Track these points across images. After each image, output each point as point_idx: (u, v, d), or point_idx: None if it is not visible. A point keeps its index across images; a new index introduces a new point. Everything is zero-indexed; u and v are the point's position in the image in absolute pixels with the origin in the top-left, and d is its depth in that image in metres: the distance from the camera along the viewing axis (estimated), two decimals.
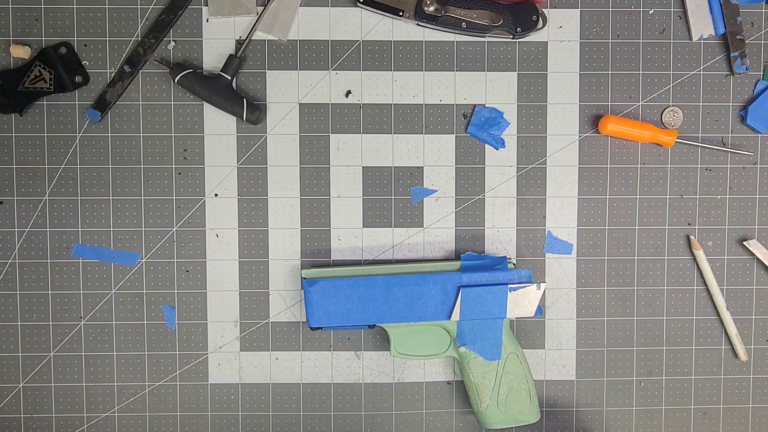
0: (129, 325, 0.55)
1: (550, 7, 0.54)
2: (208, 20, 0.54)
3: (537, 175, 0.55)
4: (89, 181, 0.54)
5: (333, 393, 0.55)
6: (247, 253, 0.54)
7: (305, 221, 0.55)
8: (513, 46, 0.54)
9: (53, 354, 0.55)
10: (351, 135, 0.54)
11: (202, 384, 0.55)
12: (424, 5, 0.52)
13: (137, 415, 0.55)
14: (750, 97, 0.55)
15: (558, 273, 0.55)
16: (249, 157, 0.54)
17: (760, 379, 0.56)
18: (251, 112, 0.52)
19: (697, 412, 0.56)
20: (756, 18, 0.55)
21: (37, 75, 0.53)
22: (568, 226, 0.55)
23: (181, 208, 0.54)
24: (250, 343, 0.55)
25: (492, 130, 0.54)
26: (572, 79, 0.55)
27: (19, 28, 0.53)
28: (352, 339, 0.55)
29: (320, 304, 0.52)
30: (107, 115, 0.54)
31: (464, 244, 0.55)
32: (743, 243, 0.55)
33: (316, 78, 0.54)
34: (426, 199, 0.55)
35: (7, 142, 0.54)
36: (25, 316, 0.54)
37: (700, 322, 0.55)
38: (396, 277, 0.52)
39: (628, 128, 0.53)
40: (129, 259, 0.54)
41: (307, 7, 0.54)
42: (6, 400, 0.55)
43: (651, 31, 0.55)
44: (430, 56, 0.54)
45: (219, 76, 0.52)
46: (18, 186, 0.54)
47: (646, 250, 0.55)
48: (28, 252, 0.54)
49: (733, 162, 0.55)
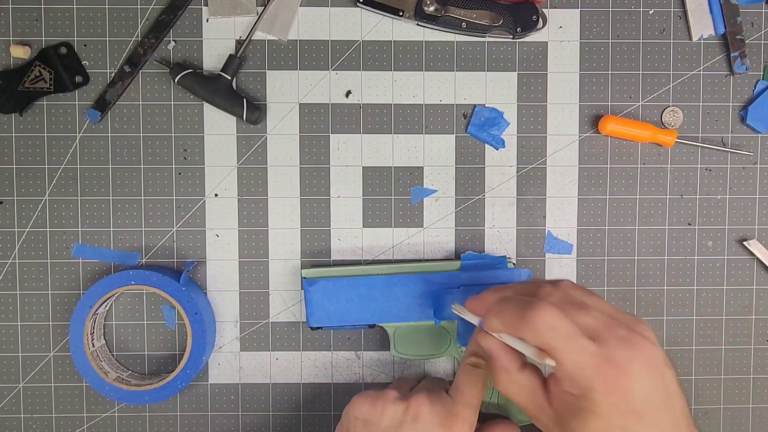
0: (129, 325, 0.55)
1: (550, 7, 0.54)
2: (208, 20, 0.54)
3: (537, 175, 0.55)
4: (89, 181, 0.54)
5: (333, 393, 0.55)
6: (247, 253, 0.55)
7: (305, 221, 0.55)
8: (513, 46, 0.54)
9: (53, 354, 0.55)
10: (351, 135, 0.54)
11: (202, 384, 0.55)
12: (424, 5, 0.52)
13: (137, 415, 0.55)
14: (750, 97, 0.55)
15: (558, 273, 0.55)
16: (249, 157, 0.54)
17: (760, 379, 0.56)
18: (251, 112, 0.52)
19: (697, 412, 0.56)
20: (756, 18, 0.55)
21: (37, 75, 0.53)
22: (568, 226, 0.55)
23: (181, 208, 0.54)
24: (250, 343, 0.55)
25: (492, 130, 0.54)
26: (572, 79, 0.55)
27: (19, 28, 0.53)
28: (352, 339, 0.55)
29: (320, 304, 0.52)
30: (107, 115, 0.54)
31: (464, 244, 0.55)
32: (743, 243, 0.55)
33: (316, 78, 0.54)
34: (426, 199, 0.55)
35: (7, 142, 0.54)
36: (25, 316, 0.54)
37: (700, 322, 0.55)
38: (396, 276, 0.52)
39: (628, 128, 0.53)
40: (129, 259, 0.54)
41: (307, 7, 0.54)
42: (6, 400, 0.55)
43: (651, 31, 0.55)
44: (430, 56, 0.54)
45: (219, 76, 0.52)
46: (18, 186, 0.54)
47: (646, 250, 0.55)
48: (28, 252, 0.54)
49: (733, 162, 0.55)
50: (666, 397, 0.38)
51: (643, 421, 0.37)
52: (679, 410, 0.39)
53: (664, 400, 0.38)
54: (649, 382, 0.38)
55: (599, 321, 0.39)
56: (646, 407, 0.38)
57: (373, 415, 0.44)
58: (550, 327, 0.39)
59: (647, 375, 0.38)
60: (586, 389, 0.38)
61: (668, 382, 0.39)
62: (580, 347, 0.38)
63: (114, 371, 0.53)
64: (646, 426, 0.38)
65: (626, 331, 0.39)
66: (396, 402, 0.45)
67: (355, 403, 0.46)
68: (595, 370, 0.37)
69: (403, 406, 0.44)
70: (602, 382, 0.37)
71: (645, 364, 0.38)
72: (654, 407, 0.38)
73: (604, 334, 0.39)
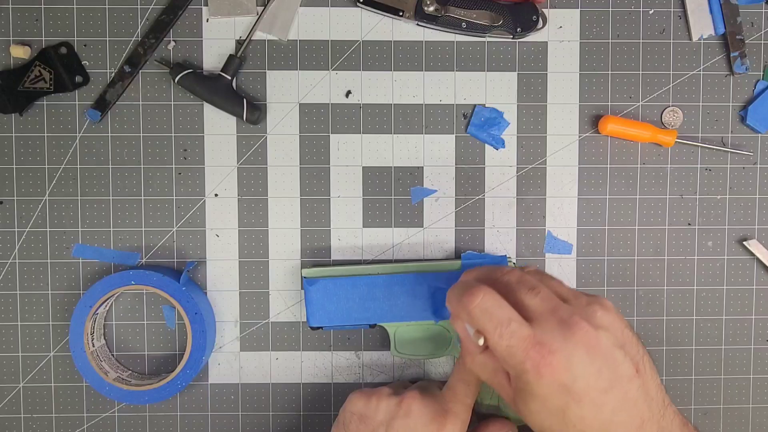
0: (129, 325, 0.55)
1: (550, 7, 0.54)
2: (208, 20, 0.54)
3: (537, 175, 0.55)
4: (89, 181, 0.54)
5: (333, 393, 0.55)
6: (247, 253, 0.54)
7: (305, 221, 0.55)
8: (513, 46, 0.54)
9: (53, 354, 0.55)
10: (351, 135, 0.54)
11: (202, 384, 0.55)
12: (424, 5, 0.52)
13: (137, 416, 0.55)
14: (750, 97, 0.55)
15: (558, 273, 0.55)
16: (249, 157, 0.54)
17: (760, 379, 0.56)
18: (251, 112, 0.52)
19: (697, 412, 0.56)
20: (756, 18, 0.55)
21: (37, 75, 0.53)
22: (568, 226, 0.55)
23: (181, 208, 0.54)
24: (250, 343, 0.55)
25: (492, 130, 0.54)
26: (572, 79, 0.55)
27: (19, 28, 0.53)
28: (352, 339, 0.55)
29: (320, 304, 0.52)
30: (107, 115, 0.54)
31: (464, 244, 0.55)
32: (743, 243, 0.55)
33: (316, 78, 0.54)
34: (426, 199, 0.55)
35: (7, 142, 0.54)
36: (25, 316, 0.54)
37: (700, 322, 0.55)
38: (397, 276, 0.52)
39: (628, 128, 0.53)
40: (129, 259, 0.54)
41: (307, 7, 0.54)
42: (6, 400, 0.55)
43: (651, 31, 0.55)
44: (430, 56, 0.54)
45: (219, 76, 0.52)
46: (18, 186, 0.54)
47: (646, 250, 0.55)
48: (28, 252, 0.54)
49: (733, 162, 0.55)
50: (613, 379, 0.38)
51: (582, 403, 0.37)
52: (633, 392, 0.38)
53: (609, 383, 0.38)
54: (587, 364, 0.38)
55: (545, 303, 0.40)
56: (585, 389, 0.37)
57: (367, 410, 0.46)
58: (482, 310, 0.39)
59: (584, 357, 0.38)
60: (519, 371, 0.38)
61: (618, 364, 0.38)
62: (510, 331, 0.38)
63: (114, 371, 0.53)
64: (586, 407, 0.38)
65: (568, 314, 0.39)
66: (390, 397, 0.46)
67: (351, 400, 0.47)
68: (525, 352, 0.38)
69: (396, 401, 0.45)
70: (532, 365, 0.37)
71: (581, 347, 0.38)
72: (595, 390, 0.38)
73: (544, 316, 0.39)
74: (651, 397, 0.39)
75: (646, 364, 0.40)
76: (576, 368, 0.37)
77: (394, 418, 0.45)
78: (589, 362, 0.38)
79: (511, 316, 0.39)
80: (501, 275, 0.42)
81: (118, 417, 0.55)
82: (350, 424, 0.46)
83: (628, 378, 0.38)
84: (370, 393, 0.47)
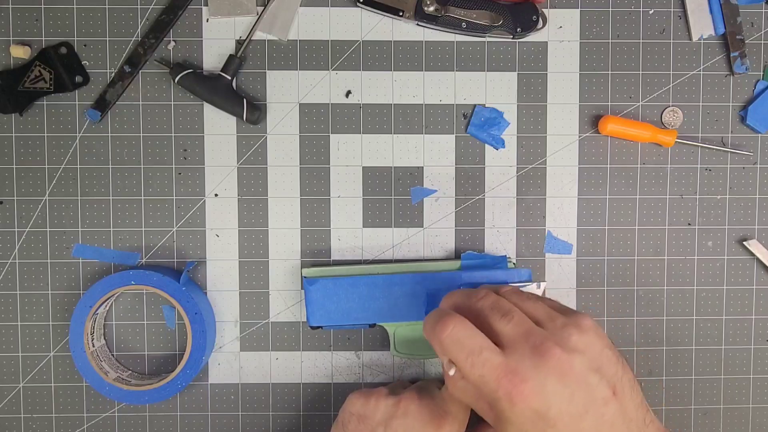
0: (129, 325, 0.55)
1: (550, 7, 0.54)
2: (208, 20, 0.54)
3: (537, 175, 0.55)
4: (89, 181, 0.54)
5: (333, 393, 0.55)
6: (247, 253, 0.54)
7: (305, 221, 0.55)
8: (513, 46, 0.54)
9: (53, 354, 0.55)
10: (351, 135, 0.54)
11: (202, 384, 0.55)
12: (424, 5, 0.52)
13: (137, 416, 0.55)
14: (750, 97, 0.55)
15: (558, 273, 0.55)
16: (249, 157, 0.54)
17: (760, 379, 0.56)
18: (251, 112, 0.52)
19: (697, 412, 0.56)
20: (756, 18, 0.55)
21: (37, 75, 0.53)
22: (568, 226, 0.55)
23: (181, 208, 0.54)
24: (250, 343, 0.55)
25: (492, 130, 0.54)
26: (572, 79, 0.55)
27: (19, 28, 0.53)
28: (352, 339, 0.55)
29: (321, 303, 0.52)
30: (107, 115, 0.54)
31: (464, 244, 0.55)
32: (743, 243, 0.55)
33: (316, 78, 0.54)
34: (426, 199, 0.55)
35: (7, 142, 0.54)
36: (25, 316, 0.54)
37: (700, 322, 0.55)
38: (397, 276, 0.52)
39: (628, 128, 0.53)
40: (129, 259, 0.54)
41: (307, 7, 0.54)
42: (6, 400, 0.55)
43: (651, 31, 0.55)
44: (430, 56, 0.54)
45: (219, 76, 0.52)
46: (18, 186, 0.54)
47: (646, 250, 0.55)
48: (28, 252, 0.54)
49: (733, 162, 0.55)
50: (587, 403, 0.38)
51: (557, 428, 0.37)
52: (609, 414, 0.38)
53: (584, 407, 0.38)
54: (560, 390, 0.37)
55: (517, 329, 0.39)
56: (558, 415, 0.37)
57: (366, 410, 0.46)
58: (453, 341, 0.39)
59: (556, 384, 0.37)
60: (493, 399, 0.38)
61: (592, 388, 0.38)
62: (481, 360, 0.38)
63: (114, 371, 0.53)
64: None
65: (541, 340, 0.38)
66: (388, 397, 0.46)
67: (350, 400, 0.47)
68: (497, 381, 0.38)
69: (394, 401, 0.46)
70: (504, 393, 0.37)
71: (553, 373, 0.37)
72: (569, 415, 0.37)
73: (517, 342, 0.39)
74: (630, 418, 0.39)
75: (625, 384, 0.39)
76: (549, 395, 0.37)
77: (392, 418, 0.45)
78: (562, 388, 0.37)
79: (483, 345, 0.39)
80: (476, 301, 0.42)
81: (118, 417, 0.55)
82: (349, 424, 0.46)
83: (603, 401, 0.38)
84: (369, 393, 0.47)
